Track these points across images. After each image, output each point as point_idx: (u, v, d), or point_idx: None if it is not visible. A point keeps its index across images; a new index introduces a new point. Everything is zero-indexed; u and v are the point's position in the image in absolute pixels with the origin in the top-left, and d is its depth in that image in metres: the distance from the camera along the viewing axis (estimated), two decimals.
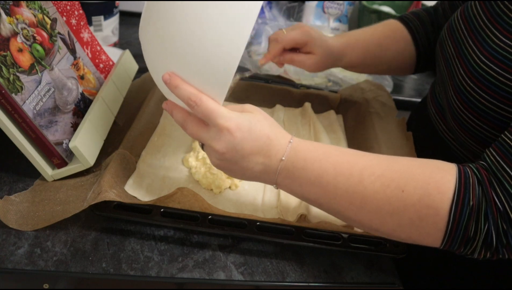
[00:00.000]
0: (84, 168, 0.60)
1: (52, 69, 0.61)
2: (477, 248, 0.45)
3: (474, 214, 0.44)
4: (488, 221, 0.43)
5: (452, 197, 0.44)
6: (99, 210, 0.54)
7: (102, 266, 0.51)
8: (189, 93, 0.48)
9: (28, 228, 0.53)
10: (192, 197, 0.56)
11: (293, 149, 0.50)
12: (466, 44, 0.57)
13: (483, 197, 0.44)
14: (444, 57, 0.62)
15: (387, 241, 0.55)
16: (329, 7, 1.24)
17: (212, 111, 0.47)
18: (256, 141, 0.48)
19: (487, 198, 0.44)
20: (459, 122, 0.57)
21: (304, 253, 0.56)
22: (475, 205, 0.43)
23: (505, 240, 0.44)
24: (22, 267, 0.50)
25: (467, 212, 0.43)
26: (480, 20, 0.56)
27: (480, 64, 0.52)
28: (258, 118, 0.50)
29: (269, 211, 0.61)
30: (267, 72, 0.98)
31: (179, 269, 0.52)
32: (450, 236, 0.45)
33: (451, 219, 0.44)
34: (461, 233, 0.44)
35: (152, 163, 0.66)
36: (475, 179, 0.45)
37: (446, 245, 0.46)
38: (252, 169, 0.50)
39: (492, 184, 0.44)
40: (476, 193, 0.44)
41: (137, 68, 0.82)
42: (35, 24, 0.60)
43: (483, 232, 0.44)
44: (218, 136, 0.48)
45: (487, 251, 0.45)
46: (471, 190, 0.44)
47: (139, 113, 0.71)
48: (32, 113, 0.55)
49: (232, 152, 0.48)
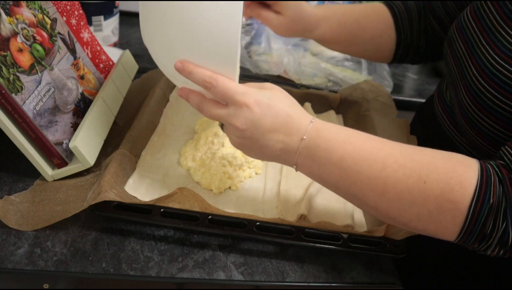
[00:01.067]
0: (84, 168, 0.60)
1: (52, 69, 0.61)
2: (492, 245, 0.45)
3: (493, 212, 0.43)
4: (507, 220, 0.43)
5: (473, 193, 0.44)
6: (99, 210, 0.54)
7: (102, 266, 0.51)
8: (204, 76, 0.48)
9: (28, 228, 0.53)
10: (192, 197, 0.56)
11: (314, 128, 0.48)
12: (479, 43, 0.56)
13: (503, 195, 0.44)
14: (454, 56, 0.61)
15: (387, 241, 0.55)
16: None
17: (229, 89, 0.47)
18: (276, 118, 0.48)
19: (507, 197, 0.43)
20: (470, 121, 0.56)
21: (304, 253, 0.56)
22: (495, 203, 0.43)
23: None
24: (22, 267, 0.50)
25: (486, 209, 0.43)
26: (493, 19, 0.55)
27: (493, 63, 0.51)
28: (278, 95, 0.49)
29: (269, 211, 0.61)
30: (267, 72, 0.98)
31: (179, 269, 0.52)
32: (467, 232, 0.44)
33: (469, 215, 0.44)
34: (478, 230, 0.44)
35: (152, 163, 0.66)
36: (497, 177, 0.45)
37: (462, 240, 0.46)
38: (272, 147, 0.49)
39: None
40: (497, 191, 0.44)
41: (137, 68, 0.82)
42: (35, 24, 0.60)
43: (500, 230, 0.44)
44: (237, 112, 0.47)
45: (501, 249, 0.45)
46: (492, 187, 0.44)
47: (139, 113, 0.71)
48: (32, 113, 0.55)
49: (251, 128, 0.48)
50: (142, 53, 0.91)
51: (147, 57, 0.95)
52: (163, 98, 0.78)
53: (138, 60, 0.83)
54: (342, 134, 0.49)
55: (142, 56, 0.87)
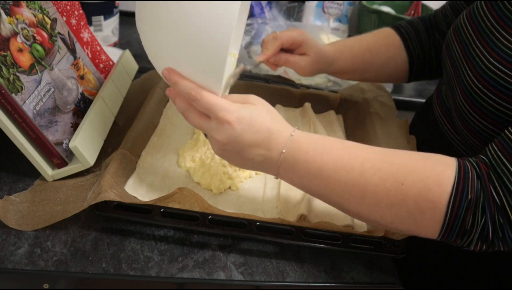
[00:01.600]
0: (84, 168, 0.60)
1: (52, 69, 0.61)
2: (474, 240, 0.46)
3: (471, 208, 0.44)
4: (485, 214, 0.44)
5: (451, 190, 0.44)
6: (99, 210, 0.54)
7: (102, 266, 0.51)
8: (189, 88, 0.49)
9: (28, 228, 0.53)
10: (192, 197, 0.56)
11: (294, 142, 0.50)
12: (474, 46, 0.56)
13: (481, 191, 0.44)
14: (450, 59, 0.62)
15: (387, 241, 0.55)
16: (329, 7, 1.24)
17: (212, 105, 0.48)
18: (257, 134, 0.49)
19: (485, 192, 0.44)
20: (467, 124, 0.57)
21: (304, 253, 0.56)
22: (473, 199, 0.44)
23: (501, 233, 0.44)
24: (22, 267, 0.50)
25: (464, 205, 0.44)
26: (488, 22, 0.56)
27: (489, 66, 0.52)
28: (260, 110, 0.50)
29: (269, 211, 0.61)
30: (267, 72, 0.98)
31: (179, 269, 0.52)
32: (448, 229, 0.45)
33: (449, 212, 0.45)
34: (458, 226, 0.45)
35: (152, 163, 0.66)
36: (474, 173, 0.45)
37: (444, 237, 0.47)
38: (253, 160, 0.51)
39: (491, 179, 0.45)
40: (475, 187, 0.45)
41: (137, 68, 0.82)
42: (35, 24, 0.60)
43: (480, 225, 0.44)
44: (219, 128, 0.49)
45: (483, 244, 0.46)
46: (470, 183, 0.45)
47: (139, 113, 0.71)
48: (32, 113, 0.55)
49: (233, 143, 0.49)
50: (142, 53, 0.90)
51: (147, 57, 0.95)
52: (163, 98, 0.78)
53: (138, 60, 0.83)
54: (320, 144, 0.50)
55: (142, 56, 0.87)
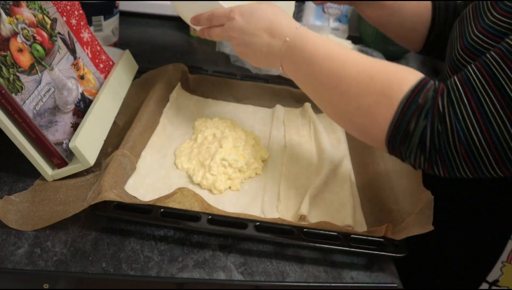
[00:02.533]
0: (84, 168, 0.60)
1: (52, 69, 0.61)
2: (414, 147, 0.48)
3: (418, 111, 0.47)
4: (427, 120, 0.47)
5: (407, 92, 0.48)
6: (99, 210, 0.54)
7: (102, 266, 0.51)
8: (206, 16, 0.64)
9: (28, 228, 0.53)
10: (192, 197, 0.56)
11: (297, 33, 0.57)
12: (468, 22, 0.62)
13: (431, 99, 0.47)
14: (450, 40, 0.66)
15: (387, 241, 0.55)
16: (329, 7, 1.24)
17: (220, 13, 0.62)
18: (258, 22, 0.59)
19: (433, 101, 0.47)
20: None
21: (304, 253, 0.56)
22: (421, 104, 0.47)
23: (438, 143, 0.47)
24: (22, 267, 0.50)
25: (413, 107, 0.47)
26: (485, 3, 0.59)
27: (474, 38, 0.57)
28: (262, 5, 0.60)
29: (269, 211, 0.61)
30: (267, 72, 0.98)
31: (179, 269, 0.52)
32: (395, 127, 0.49)
33: (399, 111, 0.48)
34: (404, 127, 0.48)
35: (152, 163, 0.66)
36: (433, 86, 0.49)
37: (390, 139, 0.50)
38: (260, 50, 0.59)
39: (442, 94, 0.48)
40: (427, 95, 0.48)
41: (137, 68, 0.82)
42: (35, 24, 0.60)
43: (421, 128, 0.47)
44: (227, 26, 0.61)
45: (422, 154, 0.48)
46: (424, 92, 0.48)
47: (139, 113, 0.71)
48: (32, 113, 0.55)
49: (240, 35, 0.60)
50: (142, 53, 0.91)
51: (147, 57, 0.95)
52: (163, 98, 0.78)
53: (138, 60, 0.83)
54: (320, 39, 0.56)
55: (142, 56, 0.87)
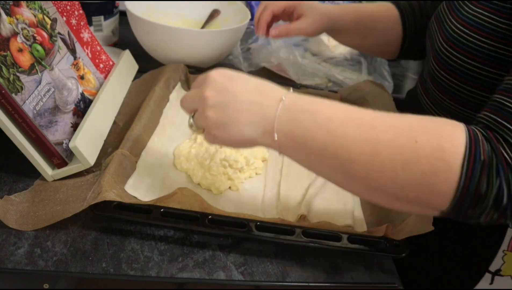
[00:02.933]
0: (84, 168, 0.60)
1: (52, 69, 0.61)
2: (488, 206, 0.43)
3: (486, 169, 0.42)
4: (499, 176, 0.42)
5: (464, 151, 0.42)
6: (99, 210, 0.54)
7: (102, 266, 0.51)
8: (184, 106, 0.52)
9: (28, 228, 0.53)
10: (192, 197, 0.56)
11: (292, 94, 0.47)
12: (445, 17, 0.65)
13: (492, 152, 0.43)
14: (429, 34, 0.70)
15: (387, 241, 0.55)
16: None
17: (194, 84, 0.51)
18: (247, 80, 0.48)
19: (497, 153, 0.42)
20: (437, 83, 0.66)
21: (304, 253, 0.56)
22: (486, 160, 0.42)
23: None
24: (22, 267, 0.50)
25: (479, 166, 0.42)
26: None
27: (456, 30, 0.60)
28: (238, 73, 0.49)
29: (269, 211, 0.61)
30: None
31: (179, 269, 0.52)
32: (463, 193, 0.42)
33: (463, 173, 0.42)
34: (473, 189, 0.42)
35: (152, 163, 0.66)
36: (482, 136, 0.44)
37: (457, 204, 0.43)
38: (247, 111, 0.46)
39: (499, 141, 0.43)
40: (486, 149, 0.43)
41: (137, 68, 0.82)
42: (35, 24, 0.60)
43: (495, 188, 0.42)
44: (205, 84, 0.48)
45: (496, 211, 0.43)
46: (481, 145, 0.43)
47: (139, 113, 0.71)
48: (32, 113, 0.56)
49: (222, 91, 0.47)
50: (142, 53, 0.91)
51: (147, 57, 0.95)
52: (163, 98, 0.78)
53: (138, 60, 0.83)
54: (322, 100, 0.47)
55: (142, 56, 0.87)
